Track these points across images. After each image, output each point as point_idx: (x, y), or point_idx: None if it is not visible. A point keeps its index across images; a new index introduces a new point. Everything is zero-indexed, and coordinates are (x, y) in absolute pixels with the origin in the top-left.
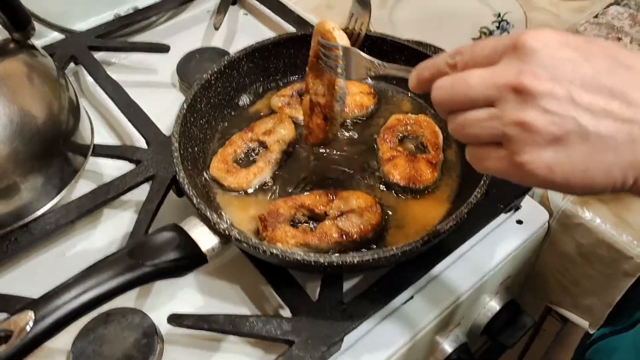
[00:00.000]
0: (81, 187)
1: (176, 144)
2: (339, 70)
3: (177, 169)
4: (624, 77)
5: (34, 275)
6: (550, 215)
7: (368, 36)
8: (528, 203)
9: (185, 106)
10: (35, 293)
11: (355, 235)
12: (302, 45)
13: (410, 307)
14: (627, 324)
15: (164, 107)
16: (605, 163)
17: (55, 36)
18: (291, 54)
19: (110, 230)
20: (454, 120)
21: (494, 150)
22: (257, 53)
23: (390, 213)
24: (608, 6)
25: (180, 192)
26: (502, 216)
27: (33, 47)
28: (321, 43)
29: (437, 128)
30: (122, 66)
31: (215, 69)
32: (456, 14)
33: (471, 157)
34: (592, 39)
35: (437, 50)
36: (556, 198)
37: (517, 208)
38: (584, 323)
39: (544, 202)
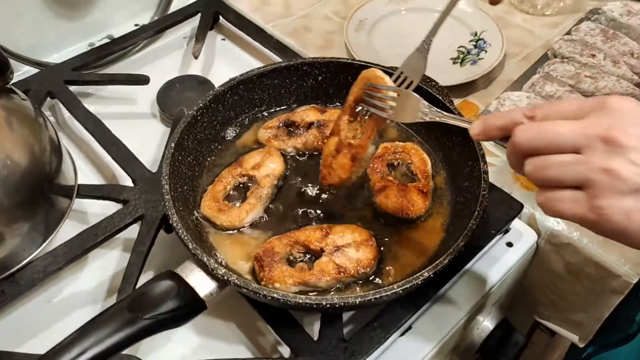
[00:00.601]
0: (67, 228)
1: (167, 187)
2: (390, 111)
3: (169, 212)
4: None
5: (20, 325)
6: (539, 235)
7: (352, 64)
8: (517, 224)
9: (172, 145)
10: (22, 346)
11: (352, 271)
12: (286, 76)
13: (409, 338)
14: (619, 338)
15: (146, 138)
16: None
17: (29, 69)
18: (275, 85)
19: (98, 271)
20: (534, 162)
21: (572, 194)
22: (242, 85)
23: (385, 245)
24: (579, 22)
25: (170, 229)
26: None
27: (11, 90)
28: (372, 85)
29: (425, 155)
30: (100, 97)
31: (201, 104)
32: None
33: (544, 200)
34: None
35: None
36: (544, 219)
37: (507, 230)
38: (573, 337)
39: (532, 223)
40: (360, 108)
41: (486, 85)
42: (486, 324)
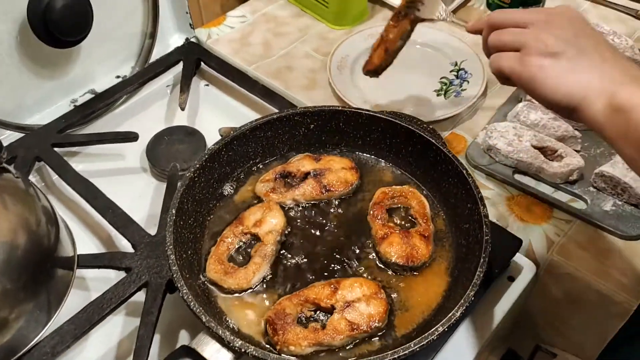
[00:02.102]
0: (70, 300)
1: (173, 257)
2: (418, 12)
3: (178, 285)
4: (595, 41)
5: None
6: (538, 266)
7: (343, 111)
8: (516, 258)
9: (173, 212)
10: None
11: (365, 327)
12: (278, 127)
13: None
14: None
15: (138, 194)
16: (574, 79)
17: (10, 134)
18: (268, 137)
19: (103, 340)
20: (495, 32)
21: (512, 53)
22: (236, 141)
23: (394, 295)
24: None
25: (174, 289)
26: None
27: (3, 168)
28: None
29: (422, 198)
30: (88, 155)
31: (197, 165)
32: (414, 66)
33: (493, 58)
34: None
35: (412, 119)
36: (541, 250)
37: (507, 265)
38: None
39: (530, 255)
40: (400, 12)
41: (471, 115)
42: (492, 358)
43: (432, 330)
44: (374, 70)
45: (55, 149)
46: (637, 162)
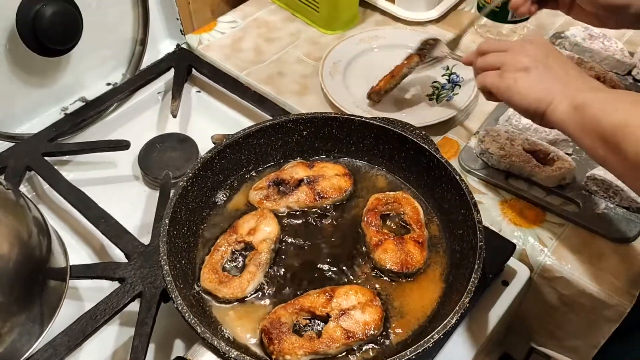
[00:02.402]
0: (63, 311)
1: (167, 267)
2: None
3: (172, 295)
4: (561, 61)
5: None
6: (531, 270)
7: (336, 118)
8: (509, 262)
9: (167, 222)
10: None
11: (361, 335)
12: (271, 134)
13: None
14: None
15: (130, 202)
16: (541, 88)
17: (1, 143)
18: (261, 144)
19: (97, 350)
20: (482, 57)
21: (494, 71)
22: (228, 149)
23: (388, 301)
24: None
25: (168, 299)
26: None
27: None
28: (425, 40)
29: (416, 204)
30: (79, 163)
31: (190, 174)
32: None
33: (478, 78)
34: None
35: (404, 125)
36: (535, 254)
37: (501, 270)
38: None
39: (524, 259)
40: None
41: (463, 119)
42: None
43: (428, 337)
44: (377, 91)
45: (46, 158)
46: (595, 150)
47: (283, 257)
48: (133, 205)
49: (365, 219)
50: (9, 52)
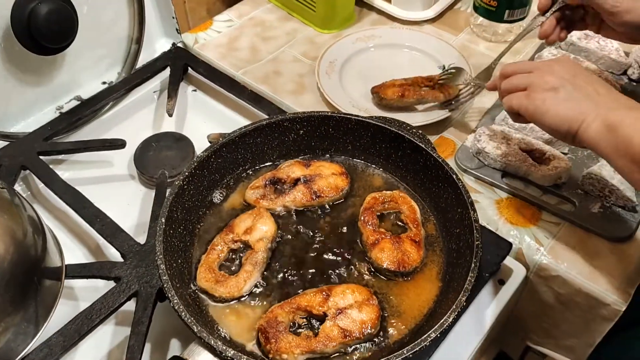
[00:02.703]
0: (58, 310)
1: (163, 267)
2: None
3: (169, 295)
4: (590, 80)
5: None
6: (527, 269)
7: (332, 117)
8: (506, 261)
9: (163, 221)
10: None
11: (358, 333)
12: (267, 133)
13: None
14: None
15: (126, 202)
16: (571, 107)
17: None
18: (258, 143)
19: (92, 350)
20: (507, 80)
21: (520, 92)
22: (225, 148)
23: (385, 300)
24: (540, 48)
25: (164, 298)
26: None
27: None
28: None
29: (413, 203)
30: (74, 162)
31: (187, 173)
32: (403, 69)
33: (505, 99)
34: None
35: (401, 124)
36: (531, 253)
37: (497, 269)
38: None
39: (520, 258)
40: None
41: (459, 119)
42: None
43: (425, 336)
44: (381, 96)
45: (41, 157)
46: (629, 172)
47: (280, 256)
48: (129, 205)
49: (362, 218)
50: (4, 51)
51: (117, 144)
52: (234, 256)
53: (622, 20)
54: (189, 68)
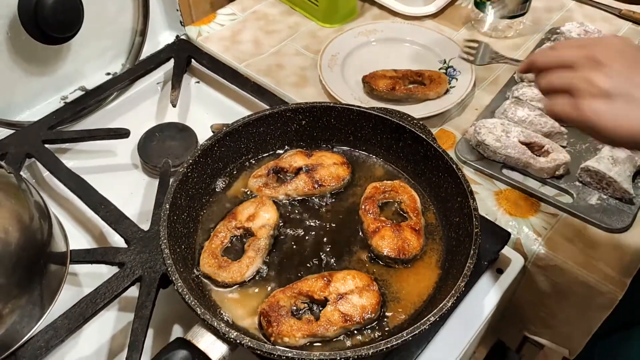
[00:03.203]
0: (62, 295)
1: (167, 251)
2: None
3: (173, 278)
4: None
5: None
6: (525, 259)
7: (334, 107)
8: (504, 250)
9: (167, 207)
10: None
11: (358, 318)
12: (270, 123)
13: None
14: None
15: (129, 191)
16: (634, 118)
17: (1, 130)
18: (260, 132)
19: (96, 335)
20: (543, 75)
21: (563, 98)
22: (228, 137)
23: (386, 286)
24: (540, 43)
25: (167, 284)
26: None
27: None
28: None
29: (413, 192)
30: (79, 151)
31: (190, 161)
32: (403, 63)
33: (546, 105)
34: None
35: (402, 115)
36: (529, 243)
37: (496, 258)
38: (563, 350)
39: (518, 248)
40: None
41: (460, 112)
42: (481, 348)
43: (424, 320)
44: (372, 86)
45: (46, 145)
46: None
47: (281, 243)
48: (132, 194)
49: (363, 207)
50: (11, 40)
51: (122, 133)
52: (236, 243)
53: None
54: (193, 60)
